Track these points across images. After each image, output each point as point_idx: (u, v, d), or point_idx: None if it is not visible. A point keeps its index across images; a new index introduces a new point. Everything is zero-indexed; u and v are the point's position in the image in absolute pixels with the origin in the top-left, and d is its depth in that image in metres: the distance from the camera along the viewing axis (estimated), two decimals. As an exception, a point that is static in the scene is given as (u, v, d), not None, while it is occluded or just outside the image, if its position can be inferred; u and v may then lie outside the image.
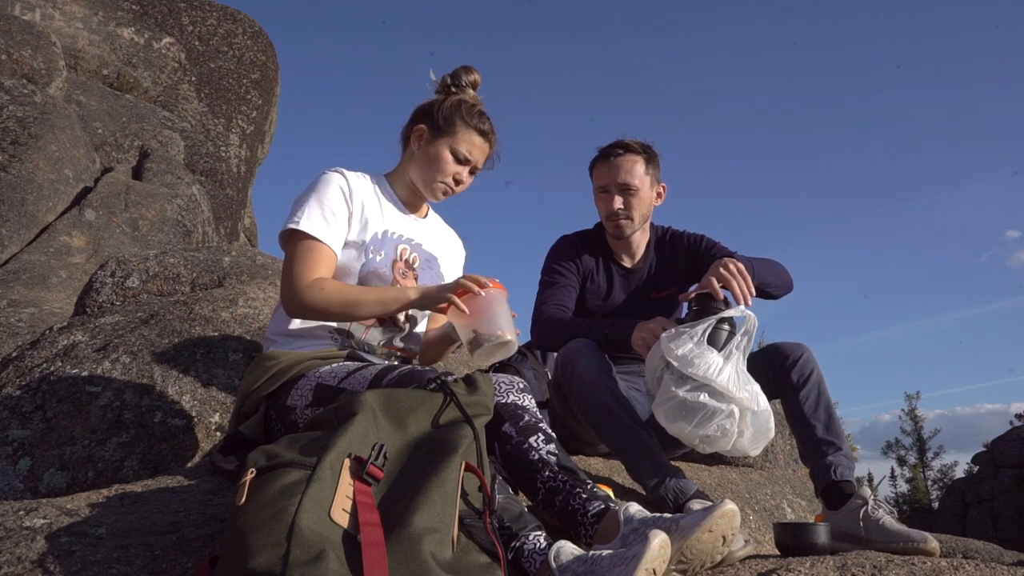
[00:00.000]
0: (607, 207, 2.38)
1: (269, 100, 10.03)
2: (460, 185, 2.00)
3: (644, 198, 2.39)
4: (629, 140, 2.41)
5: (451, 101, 1.99)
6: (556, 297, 2.36)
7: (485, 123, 1.99)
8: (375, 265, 1.90)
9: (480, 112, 2.00)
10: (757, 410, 1.85)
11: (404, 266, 1.97)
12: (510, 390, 1.66)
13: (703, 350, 1.84)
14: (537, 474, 1.57)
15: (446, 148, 1.96)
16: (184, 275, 3.12)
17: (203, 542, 1.42)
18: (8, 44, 6.98)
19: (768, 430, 1.88)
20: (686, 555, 1.38)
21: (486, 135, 1.99)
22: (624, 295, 2.47)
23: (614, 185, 2.36)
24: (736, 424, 1.83)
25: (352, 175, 1.96)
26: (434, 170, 1.97)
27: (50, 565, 1.27)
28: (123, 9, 9.05)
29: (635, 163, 2.37)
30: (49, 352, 2.56)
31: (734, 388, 1.81)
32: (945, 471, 26.00)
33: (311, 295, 1.78)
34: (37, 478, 2.14)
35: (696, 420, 1.81)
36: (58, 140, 6.41)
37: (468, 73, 2.05)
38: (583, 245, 2.49)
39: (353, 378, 1.68)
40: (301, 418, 1.71)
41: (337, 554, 1.07)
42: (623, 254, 2.49)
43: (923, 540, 1.85)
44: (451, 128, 1.96)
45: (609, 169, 2.37)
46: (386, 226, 1.97)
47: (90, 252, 5.88)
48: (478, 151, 1.99)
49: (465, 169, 2.00)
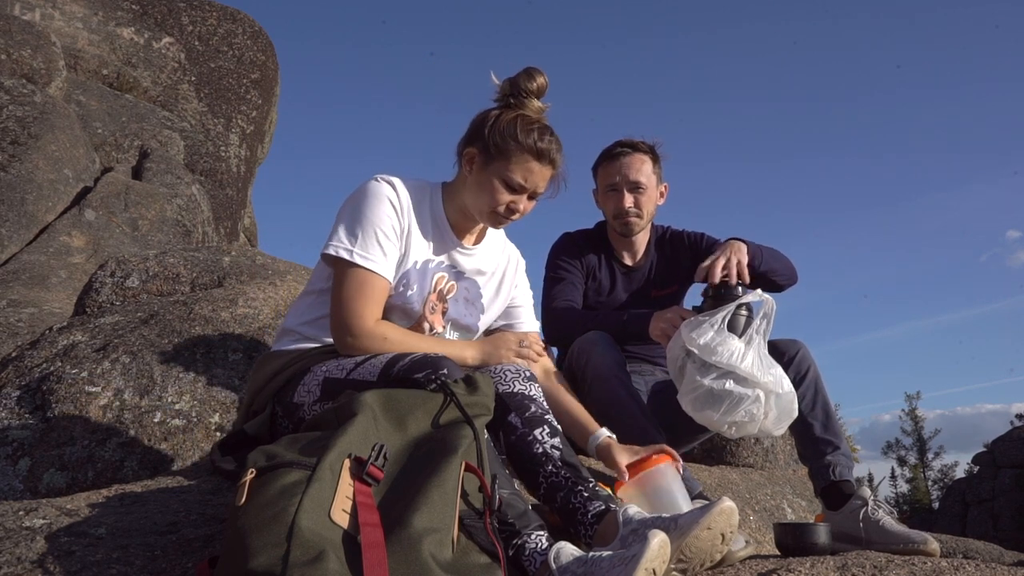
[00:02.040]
0: (616, 205, 2.39)
1: (269, 100, 10.02)
2: (516, 214, 1.79)
3: (651, 196, 2.42)
4: (636, 140, 2.42)
5: (506, 118, 1.75)
6: (565, 293, 2.37)
7: (544, 141, 1.74)
8: (404, 299, 1.76)
9: (541, 129, 1.75)
10: (781, 392, 1.86)
11: (436, 298, 1.83)
12: (516, 378, 1.64)
13: (724, 337, 1.85)
14: (540, 468, 1.56)
15: (498, 176, 1.74)
16: (184, 275, 3.11)
17: (203, 542, 1.42)
18: (8, 44, 6.98)
19: (792, 411, 1.90)
20: (685, 554, 1.38)
21: (544, 156, 1.74)
22: (626, 293, 2.48)
23: (624, 183, 2.37)
24: (762, 408, 1.85)
25: (403, 189, 1.77)
26: (485, 200, 1.77)
27: (50, 565, 1.27)
28: (123, 9, 9.05)
29: (643, 162, 2.39)
30: (49, 352, 2.56)
31: (758, 373, 1.83)
32: (945, 471, 26.04)
33: (371, 343, 1.66)
34: (37, 478, 2.14)
35: (724, 407, 1.83)
36: (58, 140, 6.40)
37: (530, 79, 1.78)
38: (585, 243, 2.50)
39: (363, 368, 1.60)
40: (309, 414, 1.66)
41: (337, 554, 1.07)
42: (625, 252, 2.50)
43: (923, 541, 1.85)
44: (504, 153, 1.73)
45: (618, 167, 2.38)
46: (428, 255, 1.81)
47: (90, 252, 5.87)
48: (536, 176, 1.75)
49: (522, 197, 1.78)
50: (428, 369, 1.50)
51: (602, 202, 2.47)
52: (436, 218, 1.84)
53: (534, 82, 1.78)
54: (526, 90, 1.77)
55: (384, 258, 1.70)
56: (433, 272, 1.82)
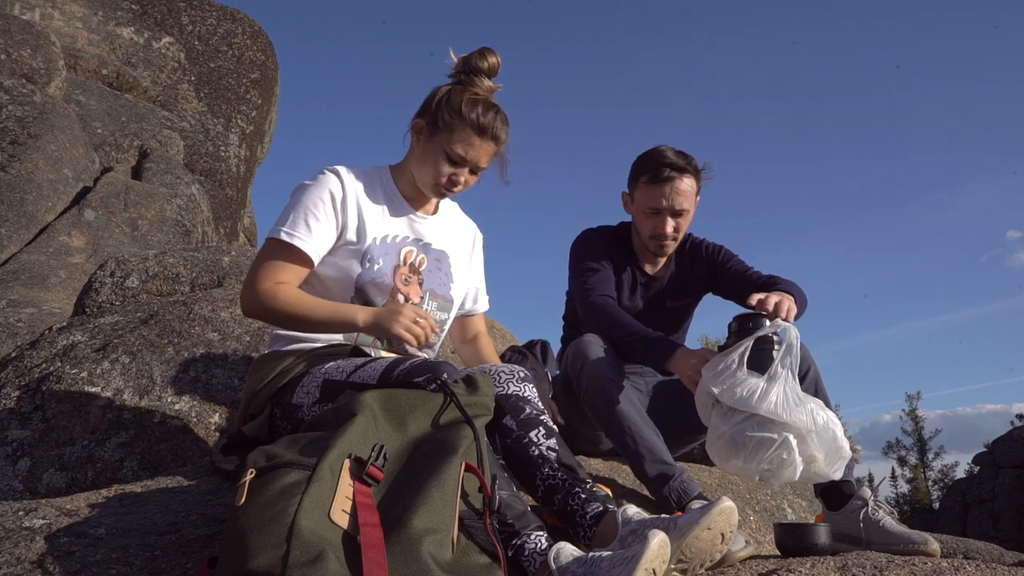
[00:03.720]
0: (657, 228, 2.29)
1: (269, 100, 10.02)
2: (458, 186, 1.86)
3: (690, 218, 2.34)
4: (683, 157, 2.28)
5: (452, 92, 1.82)
6: (602, 286, 2.28)
7: (487, 117, 1.80)
8: (373, 275, 1.81)
9: (485, 105, 1.81)
10: (814, 429, 1.69)
11: (408, 271, 1.87)
12: (510, 380, 1.63)
13: (744, 376, 1.72)
14: (537, 471, 1.56)
15: (441, 148, 1.81)
16: (184, 275, 3.11)
17: (203, 542, 1.42)
18: (7, 44, 6.97)
19: (838, 448, 1.73)
20: (685, 554, 1.38)
21: (485, 132, 1.80)
22: (643, 302, 2.43)
23: (669, 210, 2.26)
24: (795, 452, 1.68)
25: (348, 175, 1.85)
26: (428, 171, 1.84)
27: (49, 565, 1.27)
28: (122, 9, 9.05)
29: (691, 185, 2.28)
30: (48, 352, 2.55)
31: (783, 412, 1.67)
32: (946, 471, 26.05)
33: (263, 300, 1.73)
34: (36, 478, 2.14)
35: (745, 454, 1.69)
36: (57, 140, 6.40)
37: (482, 58, 1.83)
38: (611, 244, 2.42)
39: (363, 371, 1.61)
40: (308, 415, 1.67)
41: (337, 555, 1.07)
42: (646, 262, 2.44)
43: (924, 542, 1.85)
44: (448, 126, 1.79)
45: (666, 192, 2.25)
46: (387, 230, 1.87)
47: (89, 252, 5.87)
48: (476, 150, 1.82)
49: (463, 170, 1.84)
50: (428, 373, 1.51)
51: (640, 220, 2.34)
52: (389, 194, 1.91)
53: (486, 61, 1.84)
54: (477, 68, 1.83)
55: (308, 234, 1.77)
56: (399, 247, 1.87)
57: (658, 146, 2.32)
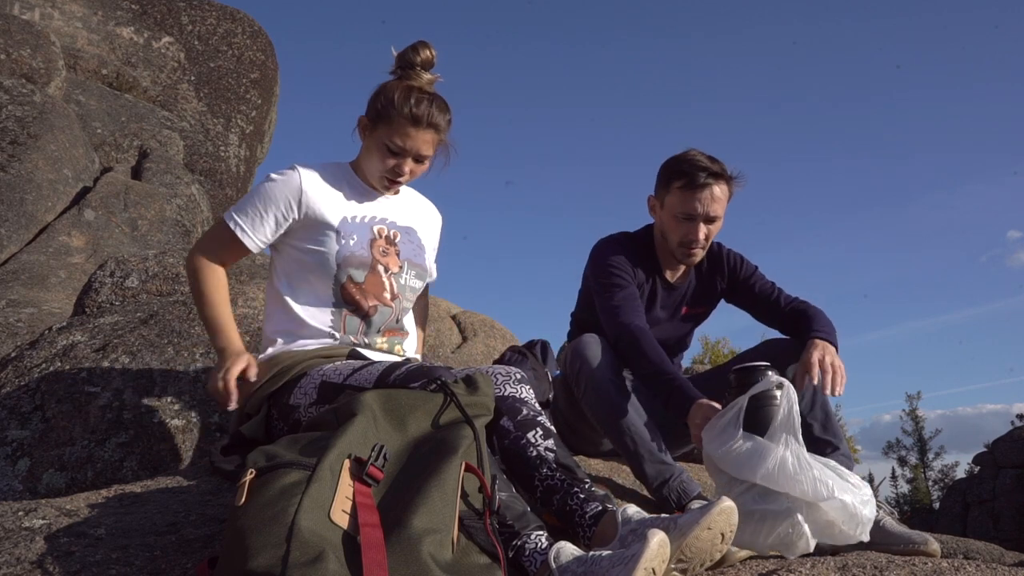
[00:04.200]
0: (689, 234, 2.22)
1: (269, 100, 10.02)
2: (403, 176, 1.92)
3: (720, 225, 2.28)
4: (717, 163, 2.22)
5: (388, 87, 1.90)
6: (632, 306, 2.19)
7: (421, 107, 1.85)
8: (351, 249, 1.89)
9: (419, 96, 1.87)
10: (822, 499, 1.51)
11: (385, 243, 1.96)
12: (507, 382, 1.64)
13: (740, 440, 1.59)
14: (535, 471, 1.56)
15: (381, 141, 1.89)
16: (184, 275, 3.11)
17: (202, 543, 1.42)
18: (7, 44, 6.97)
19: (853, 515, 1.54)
20: (685, 553, 1.38)
21: (419, 121, 1.85)
22: (664, 311, 2.39)
23: (703, 216, 2.20)
24: (802, 525, 1.51)
25: (308, 171, 1.92)
26: (374, 164, 1.93)
27: (49, 565, 1.27)
28: (122, 8, 9.05)
29: (724, 191, 2.23)
30: (48, 352, 2.55)
31: (783, 480, 1.52)
32: (946, 471, 26.03)
33: (193, 268, 1.91)
34: (36, 478, 2.14)
35: (750, 529, 1.55)
36: (57, 140, 6.40)
37: (415, 52, 1.91)
38: (635, 254, 2.33)
39: (359, 375, 1.66)
40: (305, 416, 1.69)
41: (337, 555, 1.07)
42: (668, 268, 2.38)
43: (924, 542, 1.85)
44: (385, 119, 1.87)
45: (702, 198, 2.18)
46: (355, 211, 1.95)
47: (89, 252, 5.87)
48: (414, 140, 1.87)
49: (405, 160, 1.90)
50: (424, 379, 1.53)
51: (670, 225, 2.26)
52: (353, 183, 2.00)
53: (418, 55, 1.91)
54: (410, 62, 1.91)
55: (251, 225, 1.89)
56: (371, 224, 1.96)
57: (689, 151, 2.26)
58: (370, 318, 1.90)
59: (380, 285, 1.92)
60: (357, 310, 1.89)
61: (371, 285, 1.90)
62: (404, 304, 1.99)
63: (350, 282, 1.88)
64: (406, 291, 1.98)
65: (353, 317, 1.90)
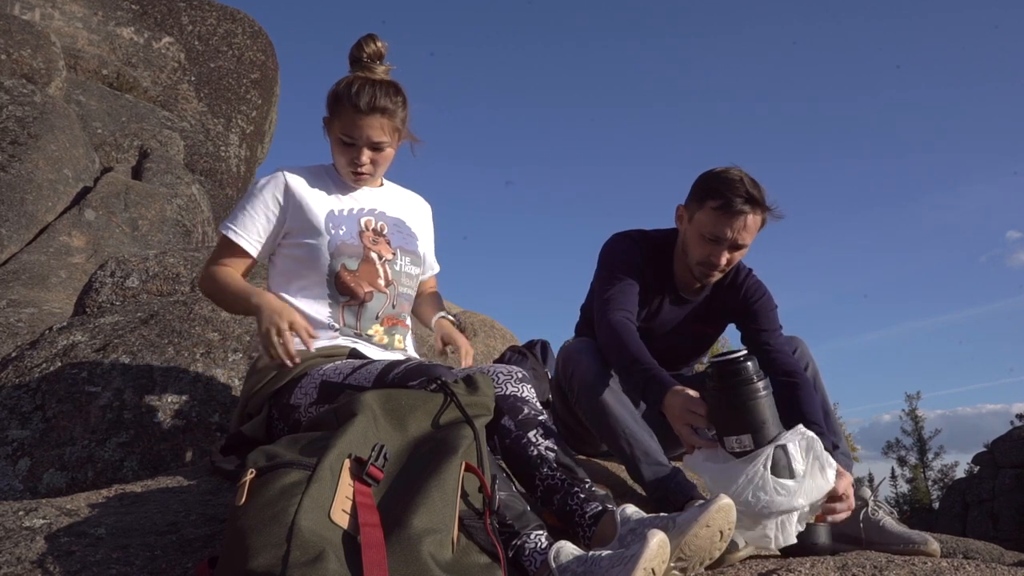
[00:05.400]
0: (712, 257, 2.13)
1: (269, 100, 10.02)
2: (364, 166, 1.94)
3: (745, 253, 2.20)
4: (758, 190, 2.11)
5: (339, 83, 1.93)
6: (622, 300, 2.14)
7: (364, 94, 1.86)
8: (340, 238, 1.92)
9: (362, 84, 1.88)
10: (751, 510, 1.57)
11: (373, 234, 1.99)
12: (508, 381, 1.65)
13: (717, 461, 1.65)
14: (535, 471, 1.56)
15: (336, 135, 1.93)
16: (184, 275, 3.11)
17: (203, 542, 1.42)
18: (8, 44, 6.97)
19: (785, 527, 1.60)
20: (684, 552, 1.38)
21: (363, 108, 1.86)
22: (671, 324, 2.33)
23: (731, 243, 2.12)
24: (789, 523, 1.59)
25: (291, 173, 1.97)
26: (338, 159, 1.97)
27: (50, 565, 1.27)
28: (123, 9, 9.05)
29: (757, 222, 2.13)
30: (49, 352, 2.55)
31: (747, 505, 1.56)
32: (946, 471, 26.06)
33: (203, 280, 1.97)
34: (37, 478, 2.14)
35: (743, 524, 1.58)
36: (57, 140, 6.40)
37: (359, 48, 1.95)
38: (648, 255, 2.26)
39: (359, 374, 1.66)
40: (305, 416, 1.69)
41: (337, 555, 1.07)
42: (682, 281, 2.30)
43: (923, 542, 1.85)
44: (335, 112, 1.91)
45: (734, 226, 2.09)
46: (341, 205, 1.98)
47: (90, 252, 5.87)
48: (363, 128, 1.88)
49: (360, 150, 1.91)
50: (422, 377, 1.53)
51: (694, 241, 2.17)
52: (336, 181, 2.04)
53: (364, 50, 1.94)
54: (358, 57, 1.95)
55: (245, 229, 1.94)
56: (358, 216, 1.99)
57: (731, 169, 2.14)
58: (366, 304, 1.92)
59: (374, 272, 1.94)
60: (353, 298, 1.91)
61: (365, 272, 1.93)
62: (400, 290, 2.00)
63: (344, 270, 1.91)
64: (402, 277, 2.01)
65: (350, 307, 1.92)
